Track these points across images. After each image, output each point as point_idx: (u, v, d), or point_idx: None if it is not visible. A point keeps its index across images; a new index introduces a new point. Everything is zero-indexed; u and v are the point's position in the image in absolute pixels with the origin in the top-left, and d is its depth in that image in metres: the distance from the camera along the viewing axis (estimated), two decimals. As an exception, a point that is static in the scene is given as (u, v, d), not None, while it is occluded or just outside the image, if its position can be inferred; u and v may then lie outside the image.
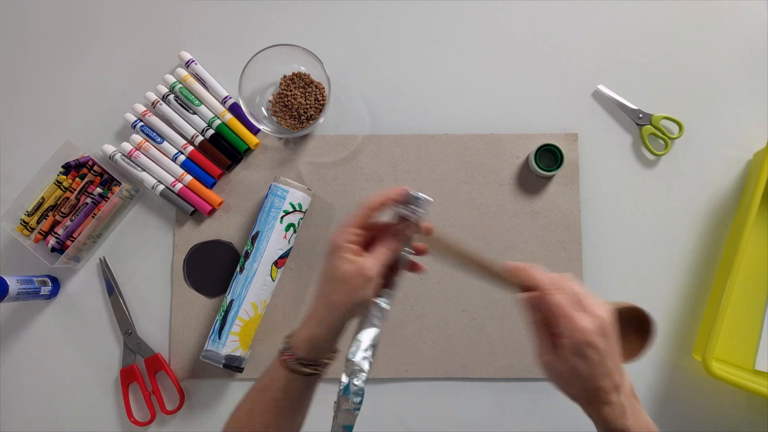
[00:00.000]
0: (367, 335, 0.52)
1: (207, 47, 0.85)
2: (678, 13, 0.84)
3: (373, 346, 0.52)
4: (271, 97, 0.84)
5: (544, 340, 0.50)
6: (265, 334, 0.79)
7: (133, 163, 0.82)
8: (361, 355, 0.51)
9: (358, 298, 0.52)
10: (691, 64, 0.84)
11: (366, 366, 0.51)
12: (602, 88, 0.83)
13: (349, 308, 0.52)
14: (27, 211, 0.81)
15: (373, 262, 0.52)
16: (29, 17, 0.87)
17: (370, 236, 0.55)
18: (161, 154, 0.82)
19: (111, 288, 0.81)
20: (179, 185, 0.81)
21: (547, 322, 0.49)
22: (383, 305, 0.54)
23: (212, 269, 0.81)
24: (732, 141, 0.82)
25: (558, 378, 0.49)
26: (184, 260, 0.81)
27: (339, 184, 0.82)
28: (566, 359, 0.47)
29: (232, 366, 0.75)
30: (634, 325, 0.53)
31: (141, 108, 0.83)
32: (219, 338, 0.75)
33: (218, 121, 0.82)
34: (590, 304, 0.48)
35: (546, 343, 0.50)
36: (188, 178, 0.81)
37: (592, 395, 0.48)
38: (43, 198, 0.81)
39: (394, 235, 0.54)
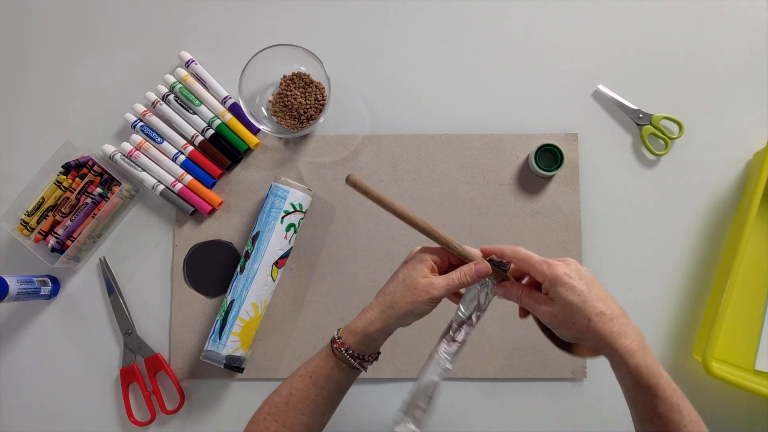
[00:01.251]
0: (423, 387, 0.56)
1: (207, 47, 0.85)
2: (678, 13, 0.84)
3: (429, 397, 0.55)
4: (271, 97, 0.84)
5: (536, 297, 0.54)
6: (265, 334, 0.79)
7: (133, 163, 0.82)
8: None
9: (418, 309, 0.55)
10: (691, 64, 0.84)
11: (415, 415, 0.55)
12: (602, 88, 0.83)
13: (406, 313, 0.56)
14: (27, 211, 0.81)
15: (443, 283, 0.55)
16: (30, 17, 0.87)
17: (447, 264, 0.59)
18: (161, 154, 0.82)
19: (111, 288, 0.81)
20: (179, 185, 0.81)
21: (530, 282, 0.57)
22: (445, 363, 0.56)
23: (212, 269, 0.81)
24: (732, 141, 0.82)
25: (561, 323, 0.52)
26: (184, 260, 0.81)
27: (339, 184, 0.82)
28: (557, 296, 0.51)
29: (233, 366, 0.75)
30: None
31: (141, 108, 0.83)
32: (219, 338, 0.75)
33: (218, 121, 0.82)
34: (559, 258, 0.54)
35: (539, 298, 0.54)
36: (188, 178, 0.81)
37: (595, 326, 0.50)
38: (43, 198, 0.81)
39: (475, 274, 0.57)
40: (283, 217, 0.77)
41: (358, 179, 0.56)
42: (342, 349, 0.56)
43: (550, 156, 0.81)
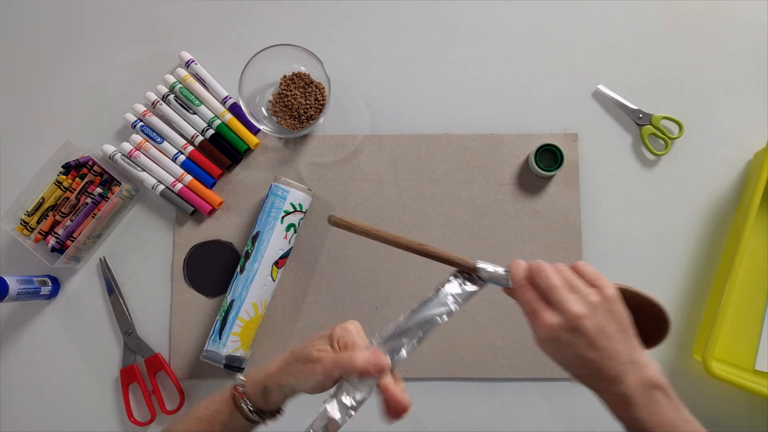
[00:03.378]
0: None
1: (207, 47, 0.85)
2: (678, 13, 0.84)
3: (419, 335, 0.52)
4: (271, 97, 0.84)
5: (533, 326, 0.50)
6: (265, 334, 0.79)
7: (133, 163, 0.82)
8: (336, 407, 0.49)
9: (301, 385, 0.50)
10: (691, 64, 0.84)
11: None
12: (602, 88, 0.83)
13: (292, 385, 0.50)
14: (27, 211, 0.81)
15: (327, 364, 0.48)
16: (29, 17, 0.87)
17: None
18: (161, 154, 0.82)
19: (111, 288, 0.81)
20: (179, 185, 0.81)
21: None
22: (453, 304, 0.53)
23: (212, 269, 0.81)
24: (732, 141, 0.82)
25: (551, 356, 0.49)
26: (184, 260, 0.81)
27: (339, 184, 0.82)
28: (547, 348, 0.48)
29: (233, 366, 0.75)
30: (648, 315, 0.52)
31: (141, 108, 0.83)
32: (219, 338, 0.75)
33: (218, 121, 0.82)
34: (559, 299, 0.47)
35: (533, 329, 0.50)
36: (188, 178, 0.81)
37: (583, 380, 0.48)
38: (43, 198, 0.81)
39: (358, 369, 0.48)
40: (283, 217, 0.77)
41: (339, 218, 0.55)
42: (241, 399, 0.52)
43: (550, 156, 0.81)
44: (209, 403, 0.55)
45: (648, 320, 0.51)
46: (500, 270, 0.53)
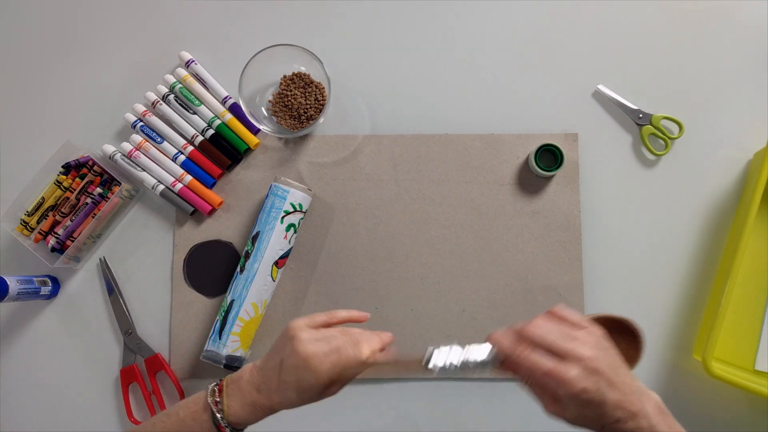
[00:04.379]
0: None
1: (207, 47, 0.85)
2: (678, 13, 0.84)
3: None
4: (271, 97, 0.84)
5: (542, 395, 0.48)
6: (265, 334, 0.79)
7: (133, 163, 0.82)
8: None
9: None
10: (691, 64, 0.84)
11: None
12: (602, 88, 0.83)
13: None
14: (27, 211, 0.81)
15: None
16: (29, 17, 0.87)
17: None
18: (161, 154, 0.82)
19: (111, 288, 0.81)
20: (179, 185, 0.81)
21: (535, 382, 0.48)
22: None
23: (212, 269, 0.81)
24: (732, 141, 0.82)
25: (572, 423, 0.47)
26: (184, 260, 0.81)
27: (339, 184, 0.82)
28: (570, 408, 0.46)
29: (233, 366, 0.75)
30: (623, 334, 0.53)
31: (141, 108, 0.83)
32: (219, 338, 0.75)
33: (218, 121, 0.82)
34: (569, 349, 0.45)
35: (545, 398, 0.48)
36: (188, 178, 0.81)
37: (609, 429, 0.46)
38: (43, 198, 0.81)
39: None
40: (283, 217, 0.77)
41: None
42: (220, 416, 0.52)
43: (550, 156, 0.81)
44: (183, 407, 0.54)
45: (624, 339, 0.52)
46: (482, 354, 0.50)
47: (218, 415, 0.52)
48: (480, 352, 0.50)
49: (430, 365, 0.51)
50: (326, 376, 0.52)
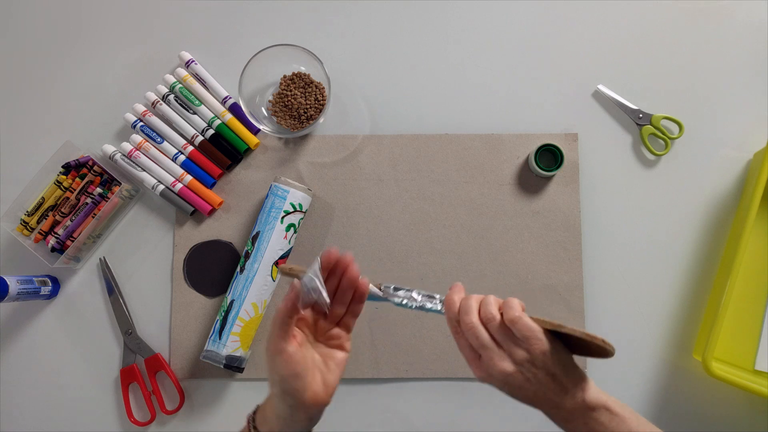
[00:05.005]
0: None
1: (207, 47, 0.85)
2: (678, 12, 0.84)
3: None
4: (271, 97, 0.84)
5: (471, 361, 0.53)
6: (265, 334, 0.79)
7: (133, 163, 0.82)
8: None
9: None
10: (691, 64, 0.84)
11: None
12: (602, 88, 0.83)
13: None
14: (27, 211, 0.81)
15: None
16: (29, 17, 0.87)
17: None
18: (161, 154, 0.82)
19: (111, 288, 0.81)
20: (179, 185, 0.81)
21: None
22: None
23: (212, 269, 0.81)
24: (732, 141, 0.82)
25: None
26: (184, 260, 0.81)
27: (339, 184, 0.82)
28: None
29: (233, 366, 0.75)
30: (588, 344, 0.52)
31: (141, 108, 0.83)
32: (219, 338, 0.75)
33: (218, 121, 0.82)
34: (488, 358, 0.50)
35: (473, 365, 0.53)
36: (188, 178, 0.81)
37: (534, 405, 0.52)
38: (43, 198, 0.81)
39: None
40: (283, 217, 0.77)
41: (288, 267, 0.54)
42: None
43: (550, 156, 0.81)
44: None
45: (589, 346, 0.52)
46: (434, 304, 0.55)
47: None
48: (432, 302, 0.55)
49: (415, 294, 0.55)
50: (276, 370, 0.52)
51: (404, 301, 0.55)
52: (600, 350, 0.51)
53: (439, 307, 0.55)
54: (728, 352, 0.77)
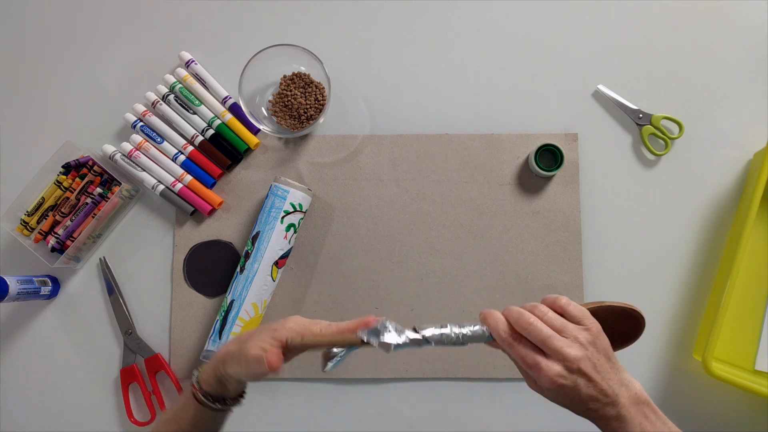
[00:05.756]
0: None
1: (207, 47, 0.85)
2: (678, 13, 0.84)
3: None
4: (271, 97, 0.84)
5: (525, 375, 0.52)
6: (265, 334, 0.79)
7: (133, 163, 0.82)
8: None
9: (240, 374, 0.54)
10: (691, 64, 0.84)
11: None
12: (602, 88, 0.83)
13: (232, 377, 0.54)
14: (27, 211, 0.81)
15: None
16: (29, 17, 0.87)
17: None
18: (161, 154, 0.82)
19: (111, 288, 0.81)
20: (179, 185, 0.81)
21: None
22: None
23: (212, 269, 0.81)
24: (732, 141, 0.82)
25: (552, 400, 0.51)
26: (184, 260, 0.81)
27: (339, 184, 0.82)
28: (547, 393, 0.50)
29: (232, 366, 0.75)
30: (626, 318, 0.55)
31: (141, 108, 0.83)
32: (219, 338, 0.75)
33: (218, 121, 0.82)
34: (556, 348, 0.48)
35: (528, 378, 0.52)
36: (188, 178, 0.81)
37: (585, 414, 0.50)
38: (43, 198, 0.81)
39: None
40: (283, 217, 0.77)
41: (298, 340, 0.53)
42: (199, 393, 0.55)
43: (550, 156, 0.81)
44: (175, 403, 0.57)
45: (625, 321, 0.54)
46: (474, 328, 0.52)
47: (194, 381, 0.56)
48: (473, 330, 0.52)
49: (442, 330, 0.52)
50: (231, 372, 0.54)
51: (442, 337, 0.52)
52: (633, 326, 0.53)
53: (477, 328, 0.52)
54: (728, 352, 0.78)
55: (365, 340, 0.51)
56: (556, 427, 0.79)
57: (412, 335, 0.52)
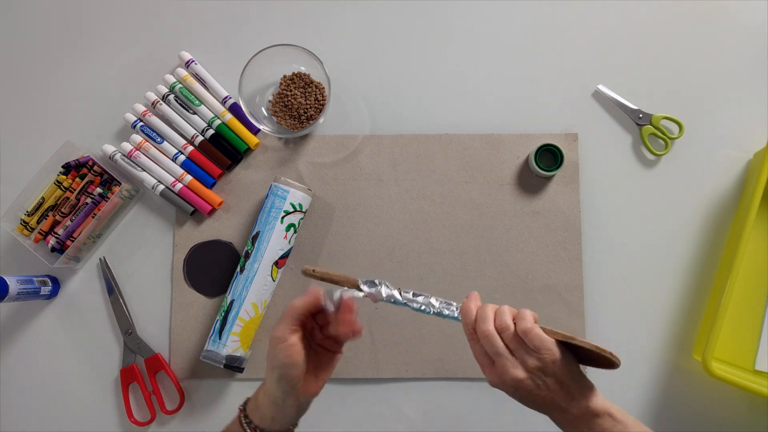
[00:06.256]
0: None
1: (207, 47, 0.85)
2: (678, 12, 0.84)
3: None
4: (271, 97, 0.84)
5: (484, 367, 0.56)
6: (265, 334, 0.79)
7: (133, 163, 0.82)
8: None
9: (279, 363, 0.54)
10: (691, 64, 0.84)
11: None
12: (602, 88, 0.83)
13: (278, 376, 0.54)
14: (27, 211, 0.81)
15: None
16: (29, 17, 0.87)
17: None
18: (161, 154, 0.82)
19: (111, 288, 0.81)
20: (179, 185, 0.81)
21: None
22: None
23: (212, 269, 0.81)
24: (732, 141, 0.82)
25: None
26: (184, 260, 0.81)
27: (339, 184, 0.82)
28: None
29: (233, 366, 0.75)
30: (596, 356, 0.55)
31: (141, 108, 0.83)
32: (219, 338, 0.75)
33: (218, 121, 0.82)
34: (501, 364, 0.53)
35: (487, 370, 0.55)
36: (188, 178, 0.81)
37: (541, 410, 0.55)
38: (43, 198, 0.81)
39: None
40: (283, 217, 0.77)
41: (310, 270, 0.58)
42: (247, 427, 0.55)
43: (550, 156, 0.81)
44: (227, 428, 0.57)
45: (600, 358, 0.55)
46: (452, 310, 0.57)
47: (246, 421, 0.56)
48: (449, 309, 0.57)
49: (371, 290, 0.56)
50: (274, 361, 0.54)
51: (423, 307, 0.57)
52: (607, 362, 0.54)
53: (456, 314, 0.57)
54: (728, 352, 0.78)
55: (360, 287, 0.56)
56: (554, 428, 0.79)
57: (398, 297, 0.57)
